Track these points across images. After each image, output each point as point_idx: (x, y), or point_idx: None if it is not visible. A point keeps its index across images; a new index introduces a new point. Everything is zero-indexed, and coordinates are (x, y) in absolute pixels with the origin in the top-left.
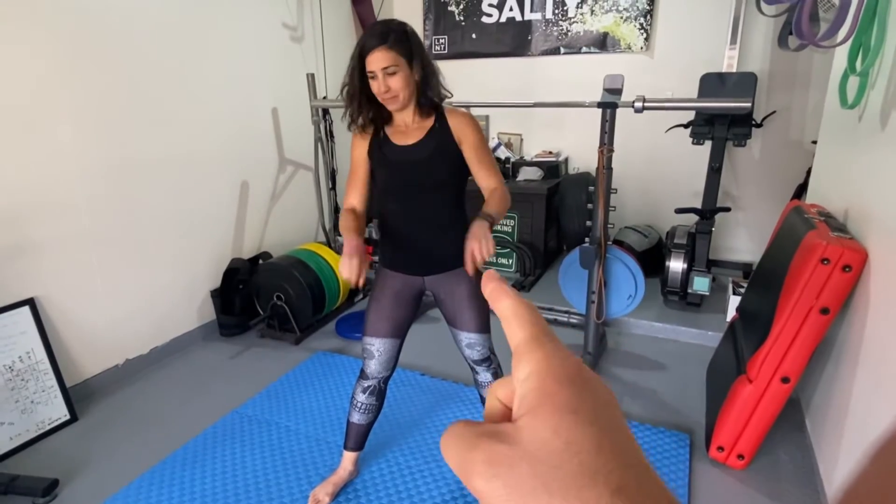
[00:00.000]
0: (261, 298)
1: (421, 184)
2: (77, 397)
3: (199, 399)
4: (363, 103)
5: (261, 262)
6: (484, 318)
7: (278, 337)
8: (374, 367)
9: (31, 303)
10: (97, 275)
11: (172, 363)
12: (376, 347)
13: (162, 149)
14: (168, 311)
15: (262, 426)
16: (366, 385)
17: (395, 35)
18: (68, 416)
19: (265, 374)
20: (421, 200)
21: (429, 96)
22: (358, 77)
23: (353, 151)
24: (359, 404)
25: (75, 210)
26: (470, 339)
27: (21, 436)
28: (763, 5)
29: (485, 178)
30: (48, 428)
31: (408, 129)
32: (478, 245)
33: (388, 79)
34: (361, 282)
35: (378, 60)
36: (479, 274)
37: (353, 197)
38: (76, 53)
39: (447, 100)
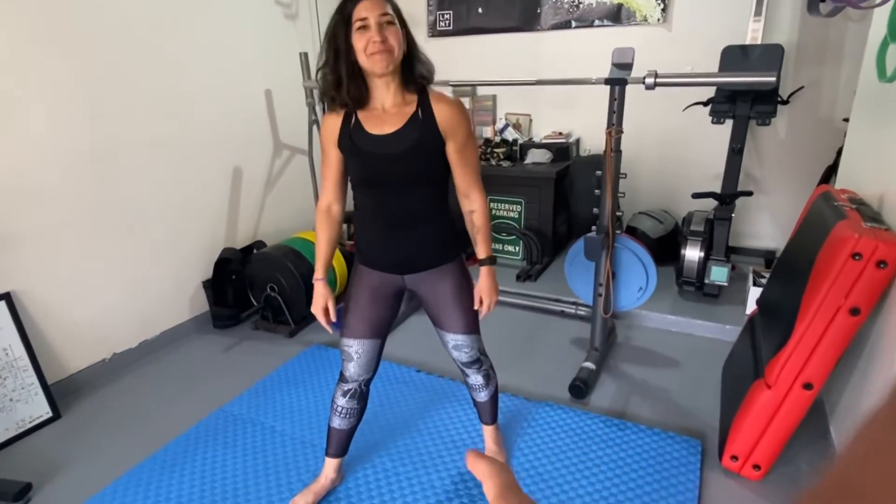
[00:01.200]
0: (254, 289)
1: (396, 180)
2: (61, 393)
3: (186, 395)
4: (346, 73)
5: (254, 251)
6: (471, 318)
7: (272, 329)
8: (353, 369)
9: (7, 297)
10: (80, 267)
11: (163, 357)
12: (354, 349)
13: (147, 132)
14: (158, 303)
15: (246, 426)
16: (346, 388)
17: None
18: (51, 414)
19: (257, 369)
20: (397, 197)
21: (417, 70)
22: (343, 35)
23: (323, 134)
24: (339, 408)
25: (53, 199)
26: (456, 341)
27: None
28: None
29: (465, 183)
30: (29, 426)
31: (385, 113)
32: (489, 299)
33: (385, 28)
34: (333, 319)
35: (373, 7)
36: (463, 270)
37: (329, 191)
38: (49, 28)
39: (446, 82)
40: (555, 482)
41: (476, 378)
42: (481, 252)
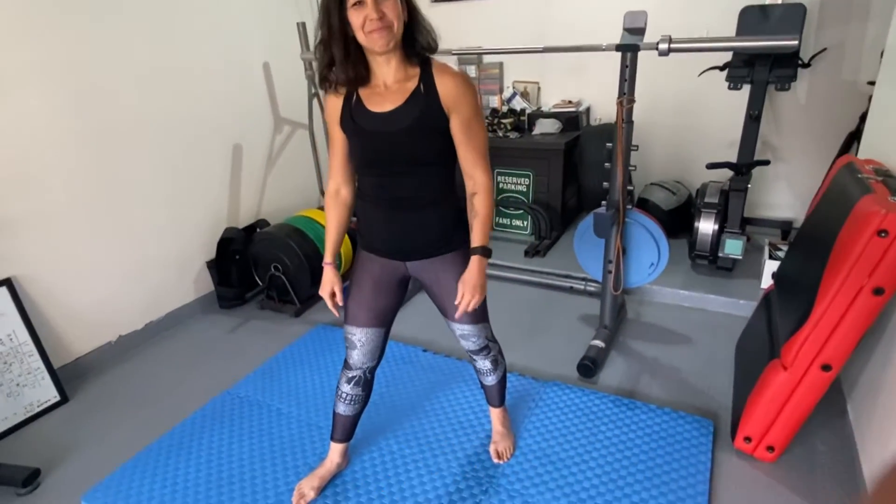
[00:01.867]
0: (258, 269)
1: (397, 160)
2: (68, 377)
3: (193, 377)
4: (343, 51)
5: (257, 230)
6: (478, 308)
7: (278, 309)
8: (356, 357)
9: (8, 283)
10: (82, 250)
11: (169, 338)
12: (357, 338)
13: (144, 111)
14: (162, 284)
15: (252, 408)
16: (350, 375)
17: None
18: (58, 398)
19: (262, 349)
20: (398, 178)
21: (419, 42)
22: (337, 12)
23: (327, 115)
24: (344, 395)
25: (51, 183)
26: (463, 331)
27: (8, 419)
28: None
29: (469, 163)
30: (37, 410)
31: (386, 90)
32: (471, 297)
33: (382, 3)
34: (340, 303)
35: None
36: (469, 258)
37: (337, 174)
38: (41, 6)
39: (453, 49)
40: (563, 464)
41: (484, 363)
42: (476, 239)
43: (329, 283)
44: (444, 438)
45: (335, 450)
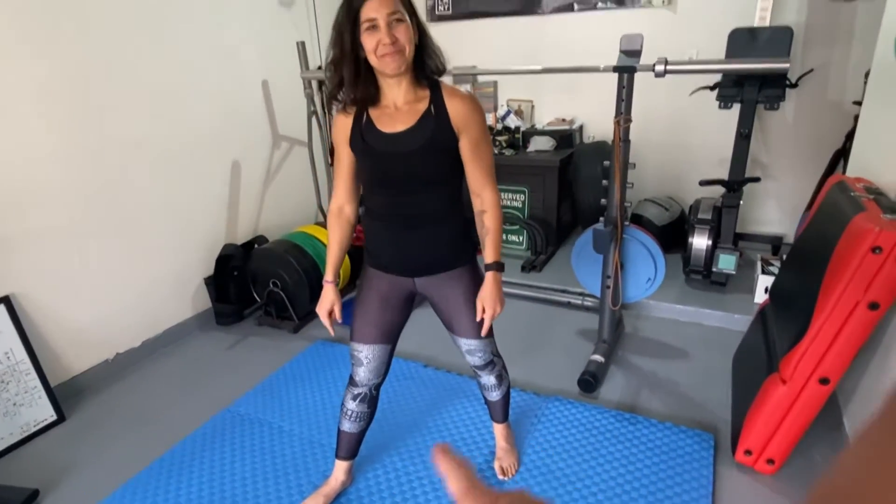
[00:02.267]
0: (257, 285)
1: (409, 179)
2: (65, 396)
3: (192, 394)
4: (353, 72)
5: (256, 246)
6: (479, 324)
7: (276, 325)
8: (363, 374)
9: (6, 301)
10: (80, 267)
11: (166, 355)
12: (364, 354)
13: (143, 128)
14: (160, 302)
15: (254, 426)
16: (356, 392)
17: None
18: (55, 417)
19: (261, 366)
20: (409, 197)
21: (428, 66)
22: (350, 34)
23: (335, 135)
24: (349, 412)
25: (50, 200)
26: (469, 346)
27: (4, 440)
28: None
29: (478, 182)
30: (34, 430)
31: (397, 111)
32: (492, 311)
33: (395, 28)
34: (339, 320)
35: (381, 5)
36: (475, 274)
37: (341, 191)
38: (40, 25)
39: (449, 69)
40: (567, 479)
41: (489, 379)
42: (489, 256)
43: (328, 301)
44: None
45: (340, 467)
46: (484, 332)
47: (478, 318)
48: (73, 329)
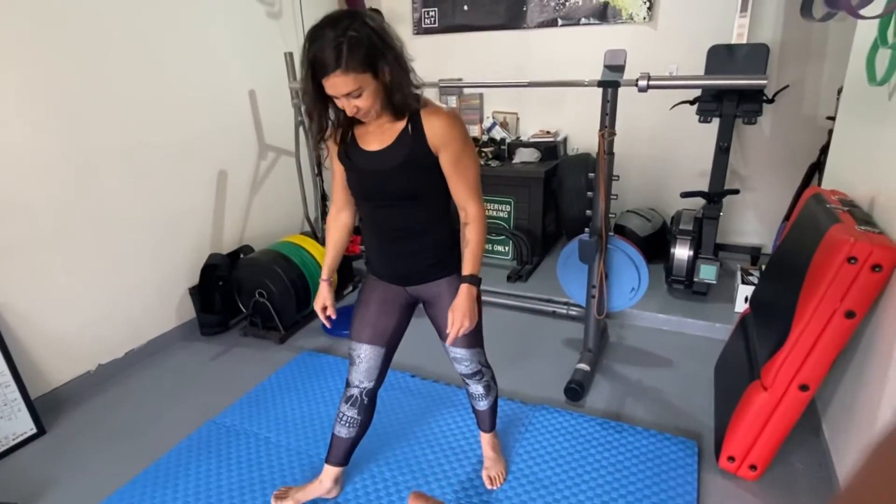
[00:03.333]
0: (242, 295)
1: (389, 195)
2: (46, 408)
3: (176, 406)
4: (326, 116)
5: (241, 256)
6: (472, 333)
7: (262, 336)
8: (354, 374)
9: None
10: (62, 277)
11: (149, 366)
12: (358, 353)
13: (128, 138)
14: (143, 312)
15: (239, 438)
16: (348, 395)
17: (350, 47)
18: (35, 430)
19: (247, 378)
20: (393, 211)
21: (405, 104)
22: (314, 90)
23: (329, 147)
24: (341, 416)
25: (32, 209)
26: (456, 354)
27: None
28: None
29: (462, 196)
30: (13, 443)
31: (377, 129)
32: (461, 323)
33: (354, 101)
34: (333, 316)
35: (336, 86)
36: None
37: (338, 200)
38: (22, 30)
39: (435, 81)
40: (554, 487)
41: (477, 388)
42: (466, 268)
43: (321, 297)
44: (436, 464)
45: (327, 472)
46: (449, 341)
47: (447, 329)
48: (55, 340)
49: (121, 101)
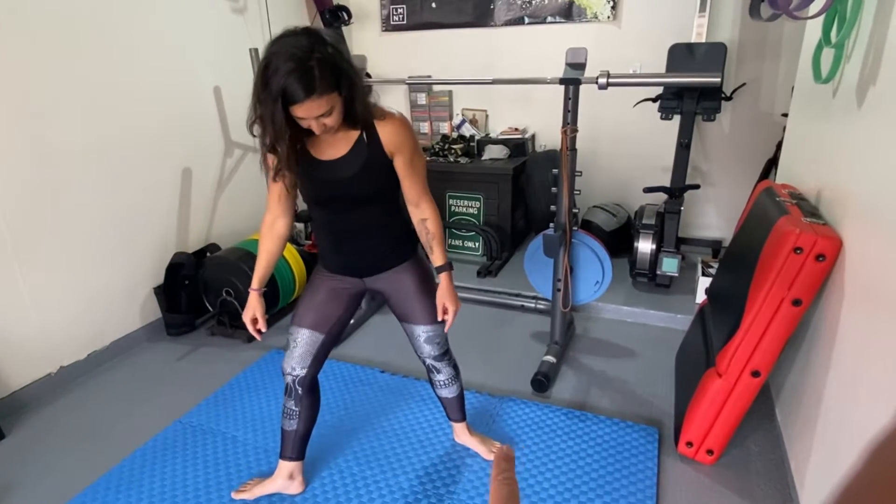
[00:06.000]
0: (209, 294)
1: (348, 200)
2: (5, 413)
3: (141, 407)
4: (286, 147)
5: (208, 254)
6: (435, 309)
7: (229, 335)
8: (287, 361)
9: None
10: (19, 278)
11: (113, 368)
12: (294, 337)
13: (88, 134)
14: (107, 312)
15: (206, 437)
16: (285, 385)
17: (320, 71)
18: None
19: (214, 377)
20: (348, 214)
21: (356, 114)
22: (281, 119)
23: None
24: (284, 408)
25: None
26: (428, 332)
27: None
28: None
29: (416, 193)
30: None
31: (330, 137)
32: (453, 308)
33: (324, 119)
34: (263, 328)
35: (310, 110)
36: (422, 263)
37: (274, 208)
38: None
39: (404, 78)
40: (520, 476)
41: (447, 370)
42: (438, 259)
43: (251, 309)
44: (403, 457)
45: (281, 467)
46: (447, 328)
47: (440, 318)
48: (14, 342)
49: (82, 96)
